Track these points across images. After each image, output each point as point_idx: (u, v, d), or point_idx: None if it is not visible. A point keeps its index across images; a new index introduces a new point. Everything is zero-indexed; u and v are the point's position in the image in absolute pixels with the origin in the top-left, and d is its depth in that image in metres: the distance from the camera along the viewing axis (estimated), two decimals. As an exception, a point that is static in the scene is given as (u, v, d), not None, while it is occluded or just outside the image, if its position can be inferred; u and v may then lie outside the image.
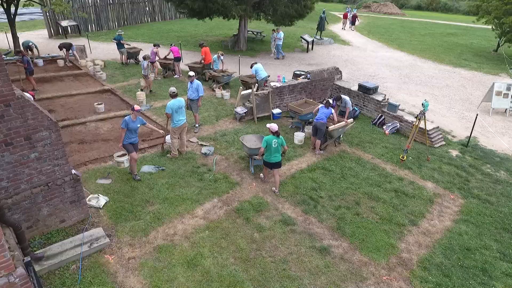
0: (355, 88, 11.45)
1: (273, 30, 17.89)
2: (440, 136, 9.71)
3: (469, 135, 9.80)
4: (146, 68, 12.04)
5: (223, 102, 12.00)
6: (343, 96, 9.54)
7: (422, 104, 8.14)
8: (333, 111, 8.73)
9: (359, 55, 19.27)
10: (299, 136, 9.28)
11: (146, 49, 16.76)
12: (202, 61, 13.98)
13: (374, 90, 10.84)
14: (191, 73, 9.44)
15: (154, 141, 9.30)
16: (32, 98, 9.49)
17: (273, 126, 6.95)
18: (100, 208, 6.60)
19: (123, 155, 7.81)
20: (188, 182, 7.49)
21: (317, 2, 18.97)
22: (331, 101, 8.80)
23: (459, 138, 10.14)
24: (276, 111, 10.79)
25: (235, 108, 10.70)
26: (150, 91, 12.52)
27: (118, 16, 24.00)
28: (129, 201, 6.80)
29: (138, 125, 7.28)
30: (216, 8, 15.85)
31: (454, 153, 9.26)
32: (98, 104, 11.06)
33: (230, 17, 17.39)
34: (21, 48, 15.51)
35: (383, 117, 10.40)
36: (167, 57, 14.63)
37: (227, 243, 5.88)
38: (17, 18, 27.23)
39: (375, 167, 8.31)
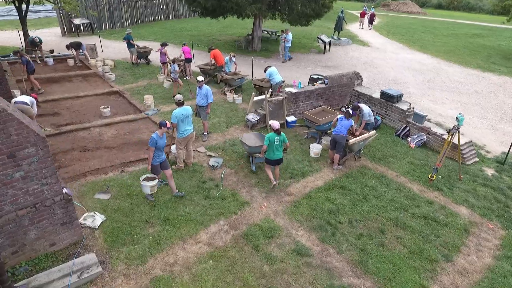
0: (377, 95, 10.52)
1: (282, 31, 16.99)
2: (473, 151, 8.72)
3: (506, 152, 8.78)
4: (177, 71, 11.49)
5: (234, 107, 11.26)
6: (361, 105, 8.65)
7: (457, 118, 7.20)
8: (353, 122, 7.88)
9: (379, 57, 18.20)
10: (315, 149, 8.46)
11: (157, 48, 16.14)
12: (214, 62, 13.28)
13: (398, 98, 9.89)
14: (200, 78, 8.73)
15: (160, 150, 8.64)
16: (35, 102, 8.98)
17: (275, 123, 6.83)
18: (95, 228, 5.97)
19: (150, 178, 6.64)
20: (192, 199, 6.79)
21: (335, 0, 17.97)
22: (351, 111, 7.94)
23: (494, 154, 9.11)
24: (291, 119, 9.98)
25: (247, 114, 9.94)
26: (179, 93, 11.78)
27: (131, 14, 23.54)
28: (128, 221, 6.15)
29: (165, 141, 6.60)
30: (230, 6, 15.10)
31: (490, 172, 8.27)
32: (104, 108, 10.50)
33: (244, 16, 16.64)
34: (24, 46, 15.11)
35: (408, 128, 9.46)
36: (179, 58, 13.95)
37: (233, 277, 5.15)
38: (33, 15, 27.26)
39: (401, 186, 7.43)
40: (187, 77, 13.83)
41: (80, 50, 15.21)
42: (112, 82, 13.20)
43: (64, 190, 5.40)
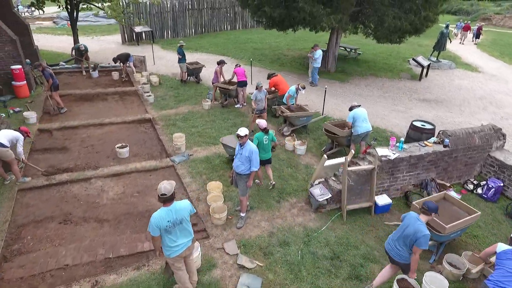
0: (539, 173, 5.94)
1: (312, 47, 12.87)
2: None
3: None
4: (263, 99, 8.29)
5: (294, 161, 7.57)
6: None
7: None
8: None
9: (499, 90, 12.93)
10: (438, 285, 4.35)
11: (212, 63, 13.22)
12: (274, 89, 9.78)
13: None
14: (242, 132, 5.21)
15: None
16: (23, 139, 6.37)
17: (262, 122, 6.14)
18: None
19: None
20: None
21: (443, 14, 13.20)
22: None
23: None
24: (383, 200, 5.96)
25: (311, 185, 6.17)
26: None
27: (196, 23, 21.22)
28: None
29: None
30: (302, 17, 11.46)
31: None
32: (120, 148, 7.63)
33: (319, 29, 12.90)
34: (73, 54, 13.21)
35: None
36: (231, 80, 10.72)
37: None
38: (106, 21, 26.71)
39: None
40: (238, 105, 10.53)
41: (127, 62, 12.91)
42: (149, 105, 10.45)
43: None
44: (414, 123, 7.70)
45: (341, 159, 6.02)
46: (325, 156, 5.86)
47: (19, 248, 5.09)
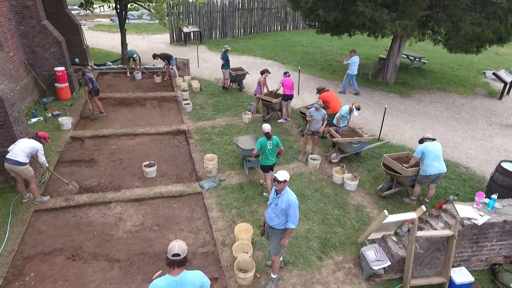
0: None
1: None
2: None
3: None
4: (318, 120, 7.14)
5: (342, 199, 6.22)
6: None
7: None
8: None
9: None
10: None
11: (258, 69, 12.17)
12: (326, 108, 8.40)
13: None
14: (282, 176, 4.00)
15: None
16: (42, 147, 5.80)
17: (266, 126, 5.77)
18: None
19: None
20: None
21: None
22: None
23: None
24: (462, 276, 4.41)
25: (364, 242, 4.80)
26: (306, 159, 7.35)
27: (245, 23, 20.29)
28: None
29: None
30: (361, 22, 9.87)
31: None
32: (147, 166, 6.85)
33: (379, 35, 11.24)
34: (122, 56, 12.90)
35: None
36: (277, 91, 9.53)
37: None
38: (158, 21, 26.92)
39: None
40: (281, 120, 9.34)
41: (170, 66, 12.35)
42: (186, 114, 9.67)
43: None
44: (504, 165, 5.91)
45: (406, 215, 4.57)
46: (385, 211, 4.45)
47: (18, 288, 4.44)
